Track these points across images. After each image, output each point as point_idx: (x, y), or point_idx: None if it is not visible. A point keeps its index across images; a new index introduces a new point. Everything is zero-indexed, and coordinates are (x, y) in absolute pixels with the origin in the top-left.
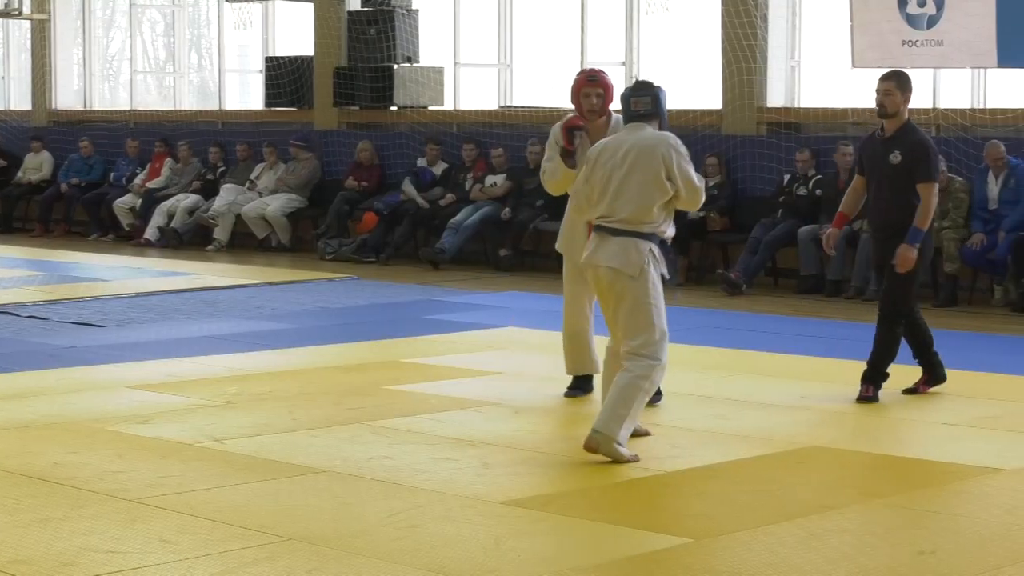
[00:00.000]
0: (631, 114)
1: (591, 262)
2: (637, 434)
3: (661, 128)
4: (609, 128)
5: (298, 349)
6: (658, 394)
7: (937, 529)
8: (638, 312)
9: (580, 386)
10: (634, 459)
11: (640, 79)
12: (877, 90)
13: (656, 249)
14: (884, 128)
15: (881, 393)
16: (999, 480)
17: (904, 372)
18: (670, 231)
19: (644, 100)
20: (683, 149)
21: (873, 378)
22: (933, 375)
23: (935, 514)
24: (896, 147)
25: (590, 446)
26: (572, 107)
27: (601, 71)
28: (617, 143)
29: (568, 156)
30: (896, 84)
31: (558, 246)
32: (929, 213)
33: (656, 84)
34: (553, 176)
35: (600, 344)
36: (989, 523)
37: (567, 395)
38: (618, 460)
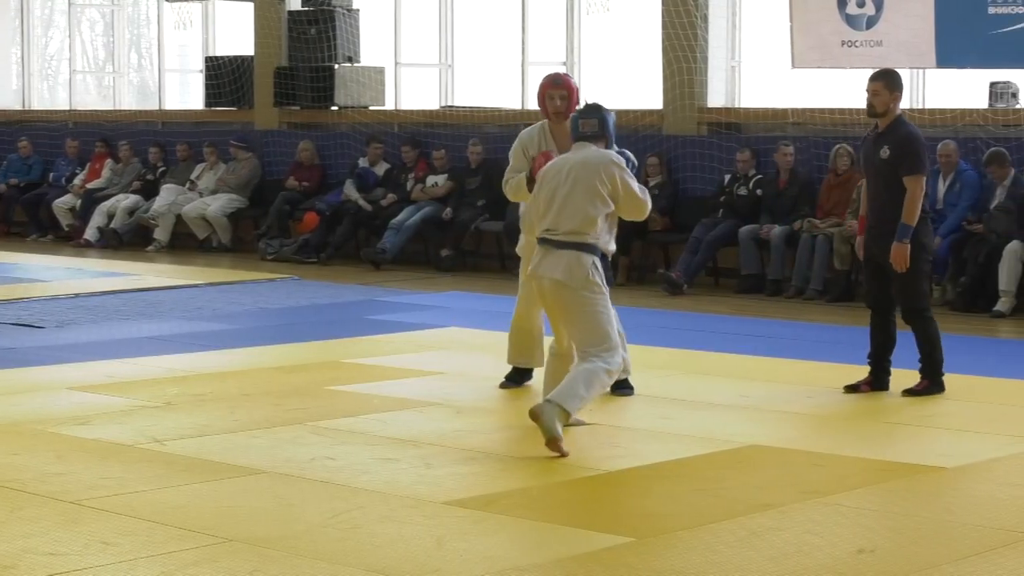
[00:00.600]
0: (578, 135)
1: (536, 273)
2: (575, 423)
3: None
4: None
5: (239, 350)
6: (629, 387)
7: (876, 527)
8: (591, 321)
9: (516, 378)
10: (564, 454)
11: (590, 102)
12: (867, 90)
13: (598, 263)
14: (878, 125)
15: (821, 391)
16: (939, 478)
17: (855, 371)
18: (611, 246)
19: (591, 122)
20: (623, 162)
21: (928, 372)
22: (878, 381)
23: (875, 512)
24: (885, 142)
25: (535, 412)
26: (513, 107)
27: (565, 74)
28: (562, 163)
29: (533, 184)
30: (884, 84)
31: (519, 249)
32: (914, 206)
33: (605, 108)
34: (515, 193)
35: (547, 344)
36: (929, 521)
37: (502, 386)
38: (551, 438)
